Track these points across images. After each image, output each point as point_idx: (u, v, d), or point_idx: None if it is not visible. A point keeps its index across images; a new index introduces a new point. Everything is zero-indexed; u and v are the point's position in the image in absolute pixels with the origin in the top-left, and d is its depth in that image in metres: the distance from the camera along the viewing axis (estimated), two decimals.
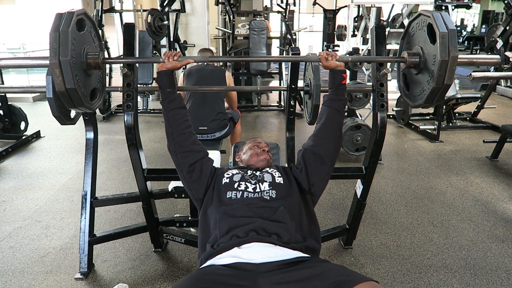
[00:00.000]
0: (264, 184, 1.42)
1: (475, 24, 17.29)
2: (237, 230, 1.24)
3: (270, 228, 1.24)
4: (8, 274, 1.99)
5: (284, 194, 1.40)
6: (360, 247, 2.25)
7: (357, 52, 4.40)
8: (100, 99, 1.59)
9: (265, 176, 1.47)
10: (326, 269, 1.11)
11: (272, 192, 1.39)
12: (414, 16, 1.57)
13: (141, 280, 1.95)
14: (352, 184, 3.07)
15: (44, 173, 3.33)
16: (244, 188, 1.40)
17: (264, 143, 1.74)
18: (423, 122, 4.77)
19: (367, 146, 2.04)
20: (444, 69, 1.36)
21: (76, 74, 1.32)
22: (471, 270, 2.04)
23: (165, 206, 2.70)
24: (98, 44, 1.55)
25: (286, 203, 1.36)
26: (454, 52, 1.34)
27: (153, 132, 4.61)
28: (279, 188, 1.41)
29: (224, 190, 1.41)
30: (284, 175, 1.49)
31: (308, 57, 1.79)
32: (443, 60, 1.34)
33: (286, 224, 1.27)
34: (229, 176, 1.47)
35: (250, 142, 1.76)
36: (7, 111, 4.10)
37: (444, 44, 1.34)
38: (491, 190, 3.01)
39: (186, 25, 5.56)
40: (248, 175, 1.48)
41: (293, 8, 8.21)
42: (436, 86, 1.40)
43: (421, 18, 1.52)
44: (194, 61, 1.67)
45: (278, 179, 1.45)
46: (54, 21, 1.27)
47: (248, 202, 1.34)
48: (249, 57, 4.85)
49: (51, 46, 1.25)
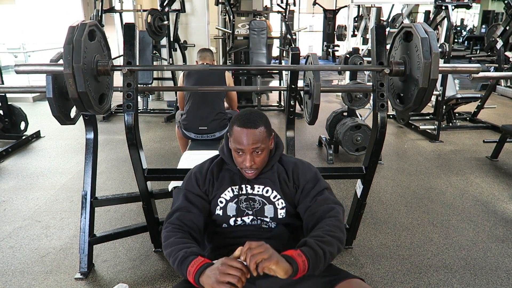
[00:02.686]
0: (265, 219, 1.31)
1: (475, 24, 17.29)
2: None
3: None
4: (8, 274, 1.99)
5: (287, 222, 1.31)
6: (360, 247, 2.25)
7: (357, 52, 4.40)
8: (108, 103, 1.70)
9: (266, 209, 1.30)
10: None
11: (272, 223, 1.31)
12: (397, 31, 1.72)
13: (141, 280, 1.95)
14: (352, 184, 3.07)
15: (44, 173, 3.33)
16: (241, 223, 1.31)
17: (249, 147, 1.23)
18: (423, 122, 4.77)
19: (367, 146, 2.04)
20: (428, 69, 1.45)
21: (87, 79, 1.43)
22: (471, 270, 2.04)
23: (165, 206, 2.70)
24: (107, 53, 1.67)
25: (289, 229, 1.30)
26: (435, 51, 1.45)
27: (153, 132, 4.61)
28: (280, 221, 1.31)
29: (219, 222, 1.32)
30: (285, 198, 1.31)
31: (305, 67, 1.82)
32: (427, 61, 1.45)
33: (289, 243, 1.24)
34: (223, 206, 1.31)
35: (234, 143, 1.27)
36: (7, 111, 4.10)
37: (426, 47, 1.45)
38: (491, 190, 3.01)
39: (186, 25, 5.56)
40: (243, 204, 1.31)
41: (293, 8, 8.22)
42: (422, 86, 1.49)
43: (403, 30, 1.66)
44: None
45: (280, 213, 1.30)
46: (67, 34, 1.39)
47: (247, 232, 1.28)
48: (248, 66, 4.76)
49: (65, 57, 1.36)
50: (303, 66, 1.83)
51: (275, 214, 1.29)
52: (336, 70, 1.71)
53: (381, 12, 9.25)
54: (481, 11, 16.10)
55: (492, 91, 5.14)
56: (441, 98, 4.22)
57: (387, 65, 1.66)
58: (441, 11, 4.32)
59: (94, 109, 1.53)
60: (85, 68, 1.41)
